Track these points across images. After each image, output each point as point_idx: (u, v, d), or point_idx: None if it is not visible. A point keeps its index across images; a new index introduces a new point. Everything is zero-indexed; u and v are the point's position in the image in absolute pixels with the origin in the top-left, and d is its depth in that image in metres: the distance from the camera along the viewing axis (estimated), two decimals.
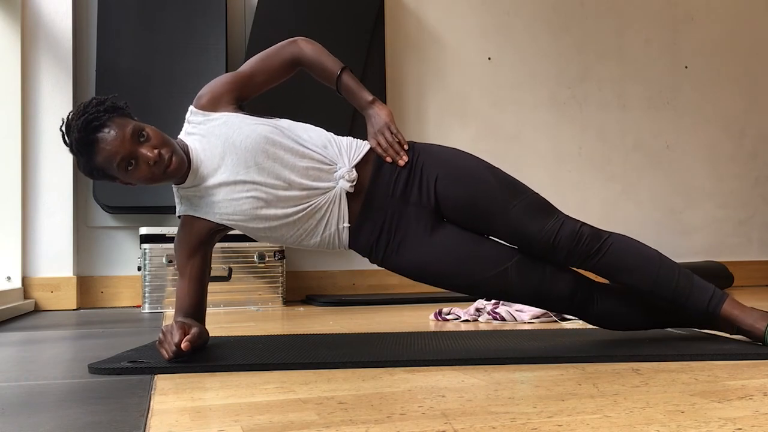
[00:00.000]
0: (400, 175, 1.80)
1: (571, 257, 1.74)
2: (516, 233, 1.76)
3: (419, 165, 1.81)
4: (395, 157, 1.79)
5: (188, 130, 1.81)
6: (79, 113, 1.66)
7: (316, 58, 1.86)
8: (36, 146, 3.56)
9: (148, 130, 1.68)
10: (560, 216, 1.76)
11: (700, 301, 1.74)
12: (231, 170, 1.73)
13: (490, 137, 4.31)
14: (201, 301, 1.82)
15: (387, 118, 1.82)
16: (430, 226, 1.79)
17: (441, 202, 1.79)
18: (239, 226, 1.78)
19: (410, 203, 1.79)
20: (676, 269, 1.75)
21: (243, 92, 1.85)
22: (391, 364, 1.58)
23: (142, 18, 3.69)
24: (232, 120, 1.76)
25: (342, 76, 1.84)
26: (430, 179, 1.79)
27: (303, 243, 1.81)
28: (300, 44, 1.87)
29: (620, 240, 1.77)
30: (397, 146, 1.80)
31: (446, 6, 4.29)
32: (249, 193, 1.72)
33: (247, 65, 1.88)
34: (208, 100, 1.80)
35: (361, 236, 1.80)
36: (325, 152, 1.77)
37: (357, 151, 1.80)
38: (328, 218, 1.77)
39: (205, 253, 1.82)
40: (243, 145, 1.72)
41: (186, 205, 1.81)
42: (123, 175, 1.69)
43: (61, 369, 1.69)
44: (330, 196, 1.75)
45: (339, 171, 1.76)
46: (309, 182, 1.74)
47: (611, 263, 1.74)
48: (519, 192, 1.78)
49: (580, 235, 1.73)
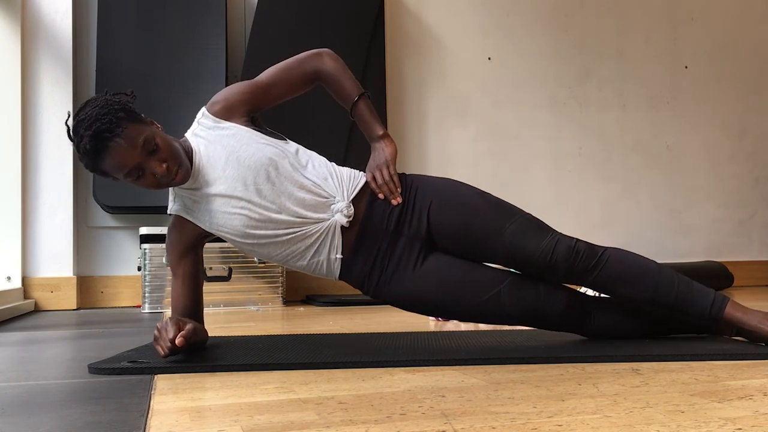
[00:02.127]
0: (395, 209, 1.80)
1: (569, 274, 1.74)
2: (512, 255, 1.75)
3: (412, 196, 1.81)
4: (388, 195, 1.79)
5: (196, 131, 1.80)
6: (90, 119, 1.60)
7: (338, 77, 1.83)
8: (36, 146, 3.56)
9: (158, 140, 1.67)
10: (555, 234, 1.76)
11: (701, 307, 1.73)
12: (229, 184, 1.72)
13: (490, 137, 4.31)
14: (197, 300, 1.82)
15: (389, 156, 1.82)
16: (422, 256, 1.79)
17: (434, 231, 1.79)
18: (228, 238, 1.78)
19: (403, 235, 1.79)
20: (674, 277, 1.75)
21: (258, 103, 1.82)
22: (391, 364, 1.58)
23: (142, 18, 3.69)
24: (242, 134, 1.76)
25: (359, 103, 1.83)
26: (423, 208, 1.79)
27: (289, 263, 1.80)
28: (324, 58, 1.84)
29: (616, 253, 1.76)
30: (392, 185, 1.80)
31: (446, 6, 4.29)
32: (242, 211, 1.72)
33: (267, 75, 1.84)
34: (222, 108, 1.78)
35: (354, 268, 1.80)
36: (325, 185, 1.77)
37: (354, 184, 1.80)
38: (319, 246, 1.76)
39: (196, 253, 1.83)
40: (246, 162, 1.72)
41: (179, 204, 1.80)
42: (128, 182, 1.69)
43: (61, 369, 1.69)
44: (324, 226, 1.75)
45: (336, 204, 1.76)
46: (304, 211, 1.74)
47: (609, 277, 1.73)
48: (512, 214, 1.78)
49: (576, 252, 1.72)
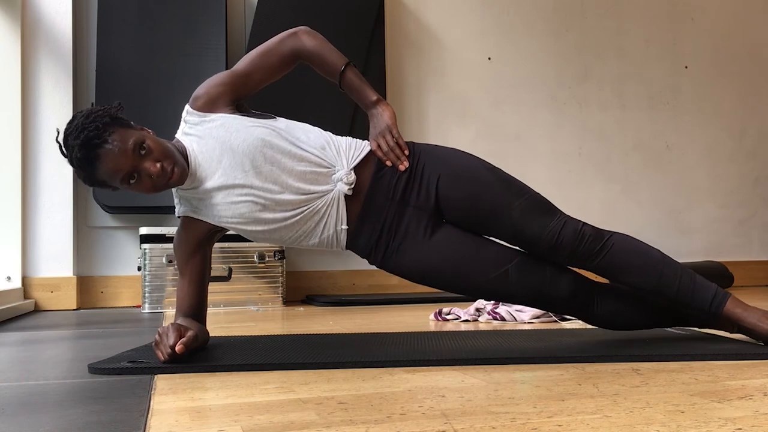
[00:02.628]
0: (401, 177, 1.77)
1: (574, 257, 1.74)
2: (518, 233, 1.75)
3: (420, 166, 1.78)
4: (395, 162, 1.77)
5: (185, 131, 1.79)
6: (77, 129, 1.61)
7: (318, 51, 1.80)
8: (36, 146, 3.56)
9: (149, 141, 1.65)
10: (562, 216, 1.75)
11: (702, 300, 1.73)
12: (228, 173, 1.71)
13: (490, 137, 4.31)
14: (202, 301, 1.82)
15: (389, 120, 1.79)
16: (430, 227, 1.78)
17: (442, 203, 1.78)
18: (237, 229, 1.77)
19: (410, 205, 1.78)
20: (678, 268, 1.75)
21: (240, 92, 1.80)
22: (391, 364, 1.58)
23: (142, 18, 3.68)
24: (230, 122, 1.74)
25: (345, 72, 1.79)
26: (431, 180, 1.77)
27: (302, 243, 1.79)
28: (301, 37, 1.81)
29: (622, 239, 1.76)
30: (398, 150, 1.77)
31: (446, 6, 4.29)
32: (246, 197, 1.71)
33: (245, 62, 1.81)
34: (205, 101, 1.76)
35: (360, 238, 1.79)
36: (323, 154, 1.74)
37: (356, 153, 1.77)
38: (327, 220, 1.75)
39: (204, 253, 1.82)
40: (240, 148, 1.70)
41: (185, 206, 1.80)
42: (125, 188, 1.68)
43: (61, 369, 1.68)
44: (328, 198, 1.73)
45: (337, 173, 1.73)
46: (307, 186, 1.72)
47: (614, 263, 1.73)
48: (521, 192, 1.77)
49: (582, 235, 1.72)
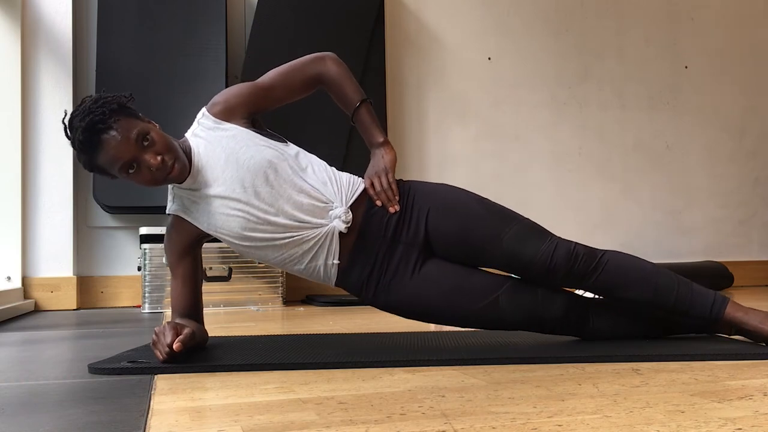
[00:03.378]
0: (392, 216, 1.79)
1: (569, 278, 1.73)
2: (511, 260, 1.75)
3: (410, 203, 1.81)
4: (386, 203, 1.79)
5: (196, 132, 1.80)
6: (84, 112, 1.63)
7: (340, 82, 1.83)
8: (36, 146, 3.56)
9: (153, 133, 1.67)
10: (553, 238, 1.75)
11: (702, 308, 1.73)
12: (228, 185, 1.72)
13: (490, 137, 4.31)
14: (196, 300, 1.82)
15: (389, 164, 1.82)
16: (419, 262, 1.79)
17: (432, 237, 1.79)
18: (225, 240, 1.77)
19: (401, 242, 1.79)
20: (674, 279, 1.74)
21: (259, 105, 1.82)
22: (391, 364, 1.58)
23: (142, 18, 3.69)
24: (242, 135, 1.75)
25: (360, 109, 1.83)
26: (420, 215, 1.79)
27: (287, 267, 1.80)
28: (327, 63, 1.83)
29: (615, 256, 1.76)
30: (390, 193, 1.80)
31: (446, 6, 4.29)
32: (240, 213, 1.72)
33: (268, 77, 1.84)
34: (222, 109, 1.78)
35: (351, 275, 1.80)
36: (324, 189, 1.76)
37: (352, 190, 1.79)
38: (316, 251, 1.76)
39: (195, 254, 1.83)
40: (246, 164, 1.72)
41: (178, 204, 1.80)
42: (124, 177, 1.69)
43: (61, 369, 1.68)
44: (321, 232, 1.74)
45: (335, 210, 1.75)
46: (302, 215, 1.73)
47: (609, 280, 1.73)
48: (510, 219, 1.78)
49: (575, 255, 1.72)
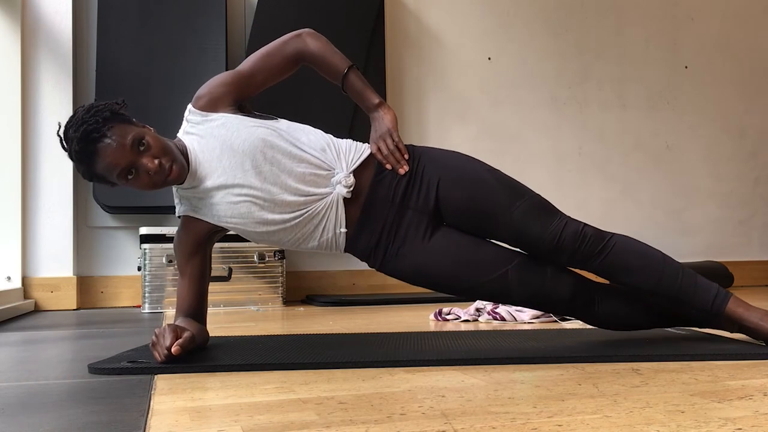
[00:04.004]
0: (401, 180, 1.77)
1: (575, 258, 1.73)
2: (519, 235, 1.75)
3: (420, 169, 1.79)
4: (395, 165, 1.77)
5: (187, 129, 1.79)
6: (78, 122, 1.62)
7: (322, 54, 1.80)
8: (36, 146, 3.56)
9: (149, 138, 1.66)
10: (563, 217, 1.75)
11: (704, 301, 1.73)
12: (228, 173, 1.71)
13: (490, 137, 4.31)
14: (202, 301, 1.82)
15: (390, 123, 1.79)
16: (429, 230, 1.78)
17: (442, 206, 1.78)
18: (237, 229, 1.77)
19: (410, 208, 1.78)
20: (679, 269, 1.74)
21: (243, 92, 1.80)
22: (391, 364, 1.58)
23: (142, 18, 3.69)
24: (231, 121, 1.74)
25: (348, 75, 1.79)
26: (431, 183, 1.77)
27: (301, 246, 1.80)
28: (305, 39, 1.81)
29: (623, 240, 1.76)
30: (398, 154, 1.77)
31: (446, 6, 4.29)
32: (245, 197, 1.71)
33: (248, 63, 1.82)
34: (207, 101, 1.77)
35: (359, 241, 1.79)
36: (324, 156, 1.75)
37: (356, 156, 1.78)
38: (326, 223, 1.75)
39: (204, 253, 1.82)
40: (241, 148, 1.70)
41: (186, 205, 1.80)
42: (123, 183, 1.68)
43: (61, 369, 1.68)
44: (327, 201, 1.73)
45: (336, 176, 1.74)
46: (306, 188, 1.72)
47: (615, 263, 1.73)
48: (521, 193, 1.77)
49: (583, 236, 1.72)
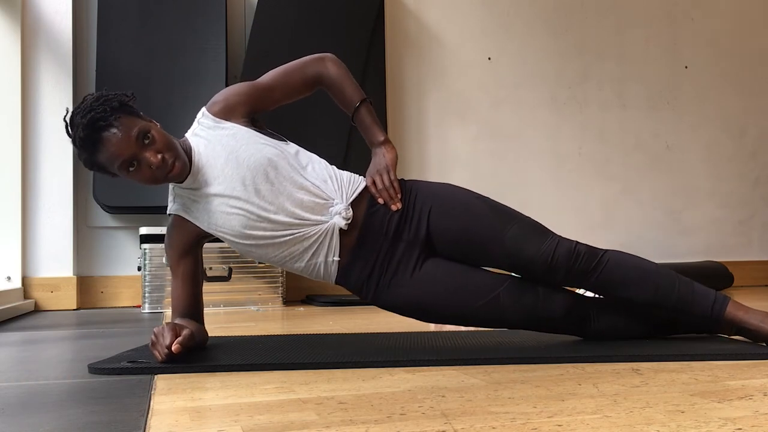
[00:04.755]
0: (394, 214, 1.79)
1: (570, 276, 1.74)
2: (512, 258, 1.75)
3: (412, 202, 1.81)
4: (388, 201, 1.79)
5: (196, 131, 1.80)
6: (85, 109, 1.64)
7: (339, 82, 1.83)
8: (36, 146, 3.56)
9: (154, 132, 1.67)
10: (555, 236, 1.76)
11: (703, 307, 1.73)
12: (228, 183, 1.72)
13: (490, 137, 4.31)
14: (197, 300, 1.82)
15: (390, 162, 1.82)
16: (420, 261, 1.79)
17: (434, 236, 1.79)
18: (226, 239, 1.78)
19: (402, 240, 1.79)
20: (675, 278, 1.75)
21: (258, 105, 1.82)
22: (391, 364, 1.58)
23: (142, 18, 3.69)
24: (242, 133, 1.76)
25: (360, 108, 1.83)
26: (422, 213, 1.79)
27: (287, 265, 1.80)
28: (327, 63, 1.84)
29: (616, 255, 1.76)
30: (392, 191, 1.80)
31: (446, 6, 4.29)
32: (240, 211, 1.72)
33: (268, 77, 1.85)
34: (222, 108, 1.79)
35: (352, 273, 1.80)
36: (325, 187, 1.77)
37: (353, 188, 1.80)
38: (317, 248, 1.76)
39: (195, 254, 1.83)
40: (246, 162, 1.72)
41: (179, 204, 1.80)
42: (124, 175, 1.69)
43: (61, 369, 1.69)
44: (322, 229, 1.74)
45: (335, 207, 1.75)
46: (302, 213, 1.73)
47: (610, 279, 1.73)
48: (511, 217, 1.78)
49: (576, 253, 1.72)
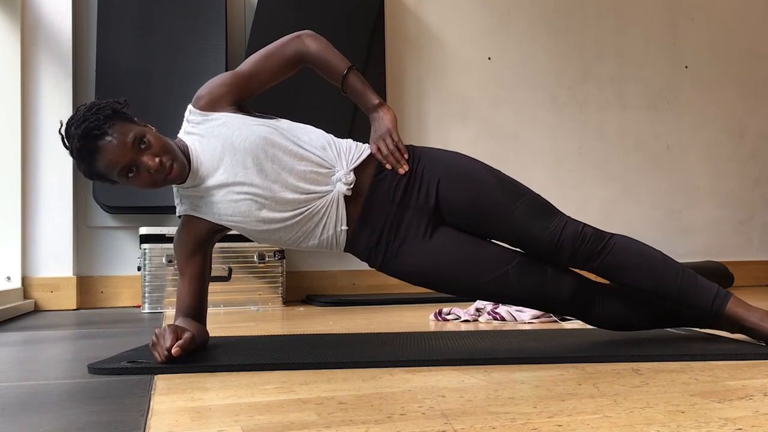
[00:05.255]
0: (401, 180, 1.78)
1: (575, 258, 1.74)
2: (519, 234, 1.75)
3: (420, 169, 1.79)
4: (395, 165, 1.78)
5: (187, 130, 1.80)
6: (79, 120, 1.63)
7: (321, 55, 1.81)
8: (36, 146, 3.56)
9: (149, 136, 1.66)
10: (563, 217, 1.76)
11: (704, 301, 1.73)
12: (230, 171, 1.72)
13: (490, 137, 4.31)
14: (202, 301, 1.82)
15: (390, 124, 1.79)
16: (430, 229, 1.78)
17: (442, 205, 1.78)
18: (238, 228, 1.77)
19: (410, 207, 1.78)
20: (679, 269, 1.75)
21: (243, 93, 1.81)
22: (391, 364, 1.58)
23: (142, 18, 3.69)
24: (232, 121, 1.75)
25: (348, 76, 1.80)
26: (431, 183, 1.78)
27: (301, 245, 1.80)
28: (304, 40, 1.82)
29: (623, 240, 1.76)
30: (397, 154, 1.78)
31: (446, 6, 4.29)
32: (246, 195, 1.71)
33: (248, 63, 1.83)
34: (207, 101, 1.78)
35: (360, 240, 1.79)
36: (324, 154, 1.75)
37: (356, 155, 1.78)
38: (326, 221, 1.75)
39: (205, 252, 1.82)
40: (242, 146, 1.71)
41: (186, 204, 1.80)
42: (124, 181, 1.69)
43: (61, 369, 1.69)
44: (328, 199, 1.74)
45: (337, 174, 1.74)
46: (307, 185, 1.73)
47: (615, 263, 1.73)
48: (521, 193, 1.77)
49: (583, 236, 1.72)
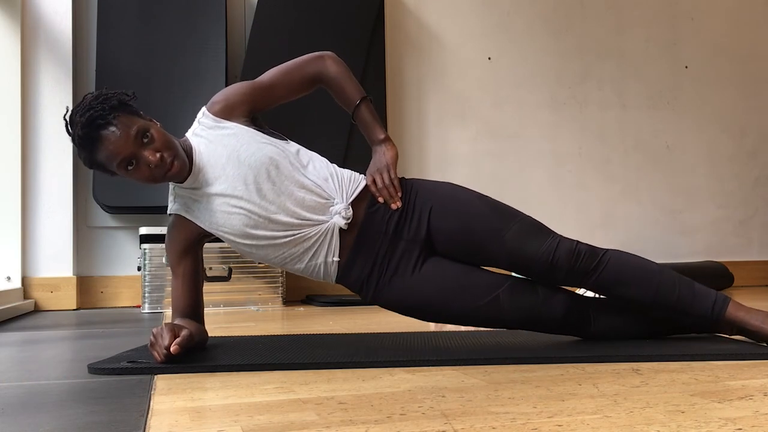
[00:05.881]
0: (393, 213, 1.79)
1: (571, 275, 1.73)
2: (513, 257, 1.75)
3: (412, 199, 1.81)
4: (388, 200, 1.79)
5: (196, 131, 1.80)
6: (84, 107, 1.64)
7: (340, 80, 1.83)
8: (36, 146, 3.56)
9: (153, 131, 1.67)
10: (555, 236, 1.76)
11: (703, 308, 1.73)
12: (230, 183, 1.72)
13: (490, 137, 4.31)
14: (197, 300, 1.82)
15: (390, 160, 1.81)
16: (421, 260, 1.79)
17: (434, 235, 1.79)
18: (226, 239, 1.77)
19: (402, 239, 1.79)
20: (676, 279, 1.74)
21: (259, 104, 1.82)
22: (391, 364, 1.58)
23: (142, 18, 3.69)
24: (242, 133, 1.76)
25: (360, 106, 1.82)
26: (423, 212, 1.79)
27: (287, 266, 1.80)
28: (326, 61, 1.84)
29: (617, 255, 1.76)
30: (392, 189, 1.79)
31: (446, 6, 4.29)
32: (241, 210, 1.72)
33: (268, 76, 1.84)
34: (222, 108, 1.79)
35: (352, 272, 1.80)
36: (326, 186, 1.77)
37: (354, 187, 1.79)
38: (317, 249, 1.76)
39: (195, 253, 1.83)
40: (247, 161, 1.72)
41: (179, 204, 1.80)
42: (123, 173, 1.69)
43: (61, 369, 1.69)
44: (322, 228, 1.75)
45: (335, 206, 1.75)
46: (304, 212, 1.73)
47: (611, 278, 1.73)
48: (512, 216, 1.78)
49: (577, 253, 1.72)
